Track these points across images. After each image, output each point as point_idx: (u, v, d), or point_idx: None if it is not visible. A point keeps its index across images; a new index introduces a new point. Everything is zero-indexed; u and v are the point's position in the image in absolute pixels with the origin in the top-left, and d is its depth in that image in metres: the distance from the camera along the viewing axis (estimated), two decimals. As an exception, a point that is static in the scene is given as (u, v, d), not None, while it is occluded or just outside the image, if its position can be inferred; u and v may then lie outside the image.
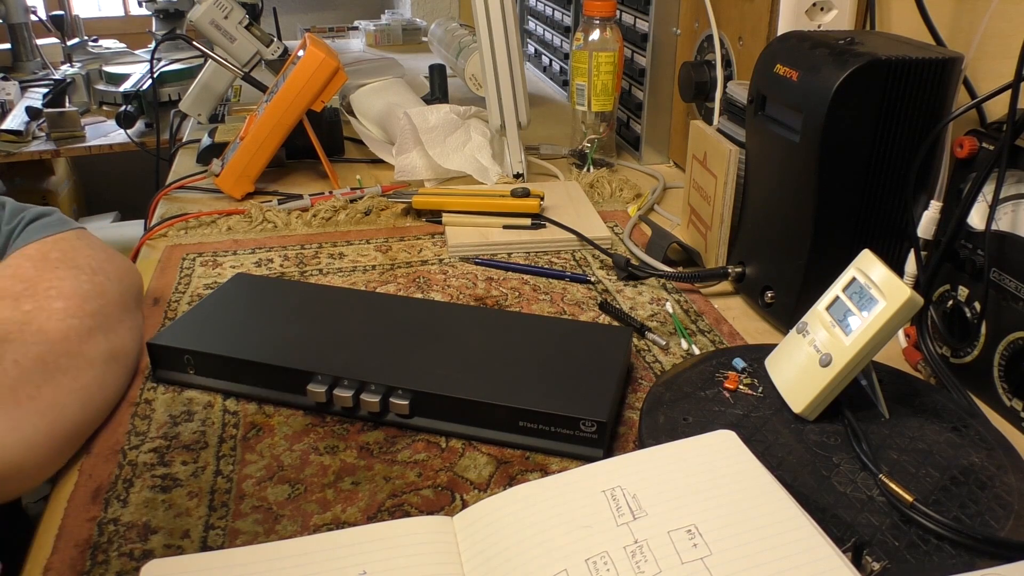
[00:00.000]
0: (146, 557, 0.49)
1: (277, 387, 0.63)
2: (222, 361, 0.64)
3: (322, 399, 0.61)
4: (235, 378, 0.65)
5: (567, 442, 0.58)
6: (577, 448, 0.58)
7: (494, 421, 0.59)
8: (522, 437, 0.59)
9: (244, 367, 0.64)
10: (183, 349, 0.65)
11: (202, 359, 0.65)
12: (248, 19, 1.20)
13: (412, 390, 0.60)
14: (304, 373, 0.62)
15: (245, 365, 0.64)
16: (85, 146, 2.05)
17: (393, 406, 0.60)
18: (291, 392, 0.63)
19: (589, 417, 0.57)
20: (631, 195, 1.07)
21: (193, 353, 0.65)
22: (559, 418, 0.57)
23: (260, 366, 0.63)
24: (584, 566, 0.42)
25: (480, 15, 1.02)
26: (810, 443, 0.56)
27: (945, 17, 0.75)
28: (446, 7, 2.65)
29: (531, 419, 0.58)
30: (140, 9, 2.47)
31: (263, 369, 0.63)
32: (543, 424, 0.58)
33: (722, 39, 0.98)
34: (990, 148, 0.62)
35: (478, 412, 0.59)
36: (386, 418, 0.61)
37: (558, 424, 0.58)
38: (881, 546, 0.48)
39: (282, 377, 0.63)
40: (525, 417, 0.58)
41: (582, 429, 0.57)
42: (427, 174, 1.09)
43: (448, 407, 0.60)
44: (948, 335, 0.67)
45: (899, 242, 0.71)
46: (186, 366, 0.65)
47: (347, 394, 0.60)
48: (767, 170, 0.75)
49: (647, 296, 0.82)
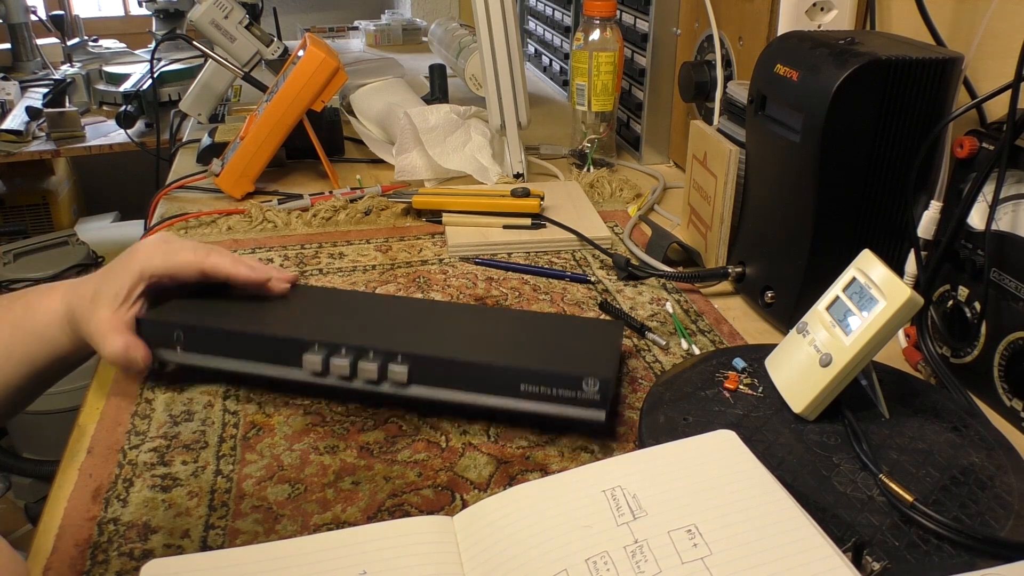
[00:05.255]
0: (146, 557, 0.49)
1: (271, 360, 0.61)
2: (213, 334, 0.62)
3: (318, 367, 0.60)
4: (226, 352, 0.62)
5: (569, 404, 0.57)
6: (580, 411, 0.57)
7: (494, 385, 0.58)
8: (523, 402, 0.58)
9: (236, 340, 0.62)
10: (172, 324, 0.63)
11: (192, 334, 0.62)
12: (248, 19, 1.20)
13: (411, 354, 0.59)
14: (300, 342, 0.60)
15: (237, 337, 0.62)
16: (85, 146, 2.05)
17: (391, 373, 0.59)
18: (286, 365, 0.61)
19: (592, 375, 0.56)
20: (631, 195, 1.07)
21: (183, 328, 0.62)
22: (561, 378, 0.56)
23: (253, 338, 0.61)
24: (584, 566, 0.42)
25: (480, 15, 1.02)
26: (810, 443, 0.56)
27: (945, 17, 0.75)
28: (446, 7, 2.65)
29: (532, 381, 0.57)
30: (140, 9, 2.47)
31: (256, 341, 0.61)
32: (545, 386, 0.57)
33: (722, 39, 0.98)
34: (990, 148, 0.62)
35: (478, 376, 0.58)
36: (382, 387, 0.60)
37: (560, 385, 0.56)
38: (881, 546, 0.48)
39: (277, 348, 0.61)
40: (526, 379, 0.57)
41: (584, 390, 0.56)
42: (427, 174, 1.09)
43: (447, 372, 0.58)
44: (948, 335, 0.67)
45: (899, 242, 0.71)
46: (175, 343, 0.63)
47: (344, 362, 0.59)
48: (767, 170, 0.75)
49: (647, 296, 0.82)
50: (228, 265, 0.67)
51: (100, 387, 0.66)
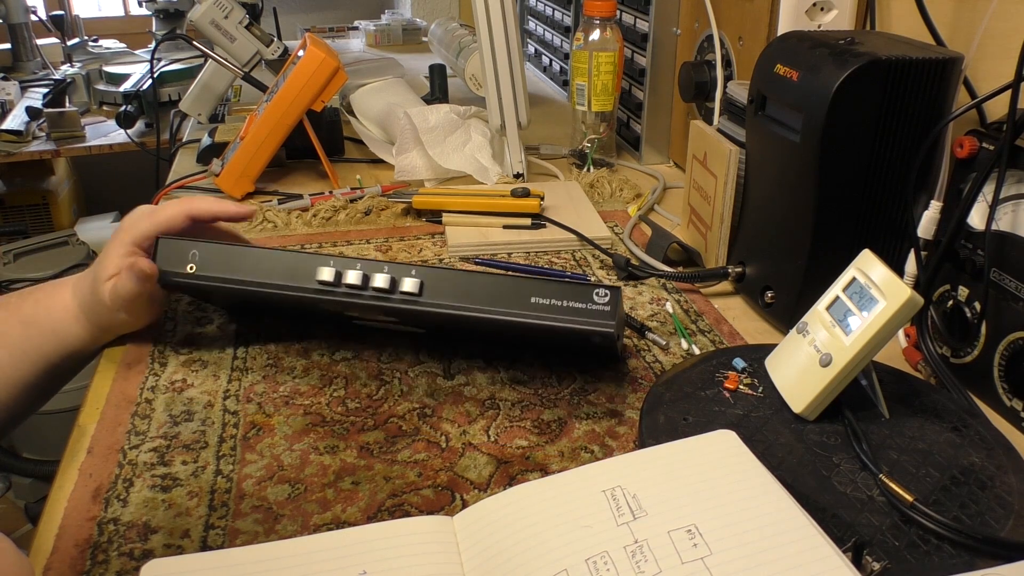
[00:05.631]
0: (146, 557, 0.49)
1: (284, 277, 0.63)
2: (228, 253, 0.64)
3: (330, 277, 0.61)
4: (240, 271, 0.64)
5: (579, 315, 0.58)
6: (590, 321, 0.58)
7: (505, 299, 0.59)
8: (534, 314, 0.59)
9: (250, 257, 0.64)
10: (190, 243, 0.65)
11: (208, 253, 0.64)
12: (248, 19, 1.20)
13: (424, 267, 0.61)
14: (314, 257, 0.62)
15: (251, 255, 0.64)
16: (85, 146, 2.05)
17: (404, 284, 0.60)
18: (298, 280, 0.62)
19: (602, 286, 0.58)
20: (631, 195, 1.07)
21: (200, 247, 0.64)
22: (571, 288, 0.58)
23: (267, 255, 0.64)
24: (584, 566, 0.42)
25: (480, 15, 1.02)
26: (810, 443, 0.56)
27: (945, 17, 0.75)
28: (446, 7, 2.65)
29: (543, 293, 0.58)
30: (140, 9, 2.47)
31: (270, 258, 0.63)
32: (555, 298, 0.58)
33: (722, 39, 0.98)
34: (990, 148, 0.62)
35: (489, 290, 0.59)
36: (393, 299, 0.61)
37: (570, 297, 0.58)
38: (881, 546, 0.48)
39: (291, 264, 0.63)
40: (537, 292, 0.58)
41: (595, 300, 0.58)
42: (427, 174, 1.09)
43: (458, 286, 0.60)
44: (948, 335, 0.67)
45: (899, 242, 0.71)
46: (189, 262, 0.64)
47: (357, 272, 0.61)
48: (767, 170, 0.75)
49: (647, 296, 0.82)
50: (213, 204, 0.69)
51: (100, 387, 0.66)
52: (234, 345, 0.72)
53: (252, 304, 0.72)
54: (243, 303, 0.72)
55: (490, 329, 0.61)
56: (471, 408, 0.64)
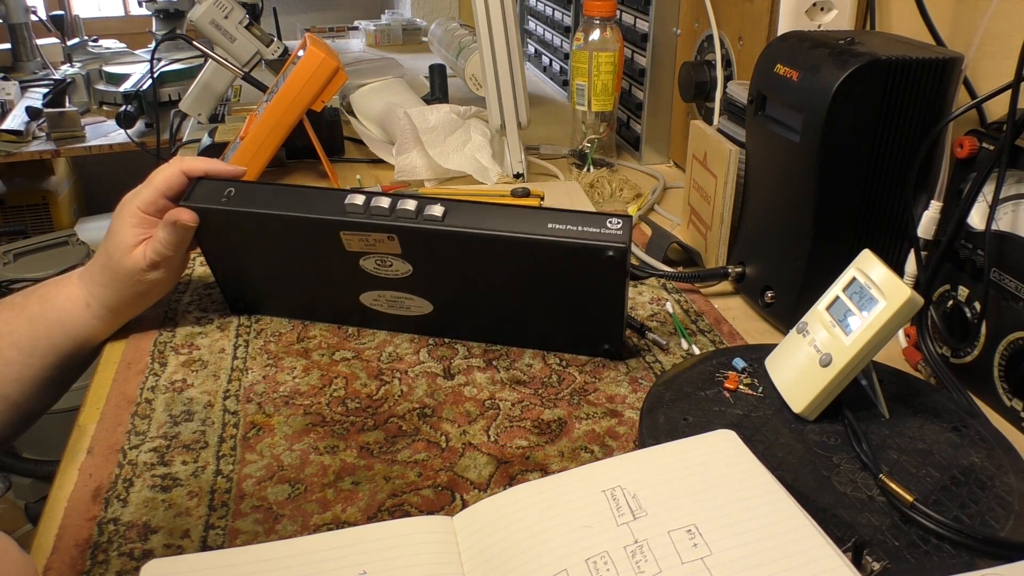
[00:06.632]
0: (146, 557, 0.49)
1: (315, 211, 0.65)
2: (262, 189, 0.68)
3: (360, 206, 0.64)
4: (272, 205, 0.66)
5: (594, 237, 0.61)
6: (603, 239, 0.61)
7: (524, 223, 0.63)
8: (551, 235, 0.62)
9: (283, 194, 0.67)
10: (226, 183, 0.68)
11: (243, 189, 0.68)
12: (248, 19, 1.20)
13: (448, 200, 0.64)
14: (345, 191, 0.66)
15: (285, 191, 0.67)
16: (85, 146, 2.05)
17: (429, 209, 0.63)
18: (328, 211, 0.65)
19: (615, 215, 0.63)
20: (631, 195, 1.07)
21: (236, 184, 0.68)
22: (586, 215, 0.62)
23: (301, 191, 0.67)
24: (584, 566, 0.42)
25: (480, 15, 1.02)
26: (810, 443, 0.56)
27: (945, 17, 0.75)
28: (446, 7, 2.65)
29: (559, 220, 0.62)
30: (140, 9, 2.47)
31: (303, 193, 0.67)
32: (571, 224, 0.62)
33: (722, 39, 0.98)
34: (990, 148, 0.62)
35: (509, 215, 0.63)
36: (419, 221, 0.64)
37: (585, 223, 0.62)
38: (881, 546, 0.48)
39: (321, 196, 0.66)
40: (554, 219, 0.62)
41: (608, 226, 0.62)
42: (427, 174, 1.09)
43: (480, 215, 0.64)
44: (948, 335, 0.67)
45: (899, 242, 0.71)
46: (223, 199, 0.67)
47: (385, 200, 0.64)
48: (767, 170, 0.75)
49: (647, 296, 0.82)
50: (205, 162, 0.70)
51: (100, 387, 0.66)
52: (234, 345, 0.72)
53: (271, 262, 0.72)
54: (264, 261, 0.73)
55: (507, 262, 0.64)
56: (471, 408, 0.64)
